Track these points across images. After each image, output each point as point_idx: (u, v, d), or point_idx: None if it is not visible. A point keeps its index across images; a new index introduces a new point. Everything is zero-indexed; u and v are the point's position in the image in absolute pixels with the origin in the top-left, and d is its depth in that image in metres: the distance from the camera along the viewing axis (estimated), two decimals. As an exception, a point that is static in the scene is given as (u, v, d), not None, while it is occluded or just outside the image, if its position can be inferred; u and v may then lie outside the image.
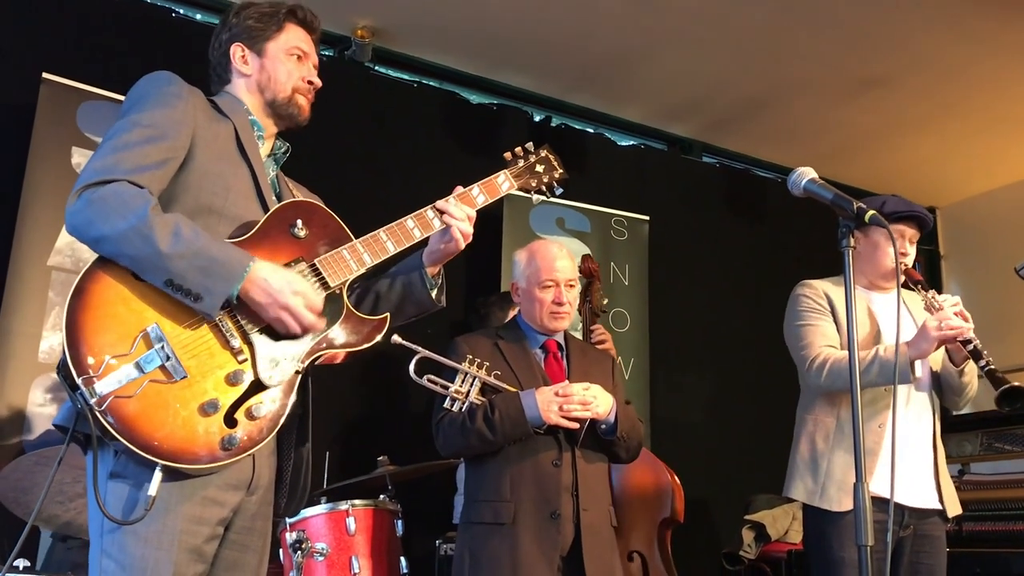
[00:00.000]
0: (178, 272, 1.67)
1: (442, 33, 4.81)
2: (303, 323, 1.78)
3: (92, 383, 1.59)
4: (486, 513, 2.66)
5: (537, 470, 2.66)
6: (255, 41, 2.03)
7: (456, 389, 2.66)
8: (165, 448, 1.62)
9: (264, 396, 1.75)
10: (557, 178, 2.27)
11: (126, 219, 1.65)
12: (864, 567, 1.76)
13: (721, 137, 5.99)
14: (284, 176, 2.11)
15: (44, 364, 3.56)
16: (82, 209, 1.68)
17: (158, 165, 1.77)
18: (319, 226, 1.92)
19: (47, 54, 3.86)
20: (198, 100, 1.90)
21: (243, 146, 1.93)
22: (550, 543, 2.60)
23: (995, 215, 6.48)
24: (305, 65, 2.07)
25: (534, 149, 2.25)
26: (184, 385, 1.67)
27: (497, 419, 2.61)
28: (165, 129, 1.80)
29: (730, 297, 5.80)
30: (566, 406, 2.62)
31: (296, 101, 2.04)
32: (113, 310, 1.67)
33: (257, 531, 1.87)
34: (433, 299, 2.06)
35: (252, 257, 1.75)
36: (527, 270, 2.90)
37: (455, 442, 2.67)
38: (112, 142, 1.76)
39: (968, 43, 4.73)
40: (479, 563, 2.62)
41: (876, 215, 1.92)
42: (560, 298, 2.83)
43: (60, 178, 3.63)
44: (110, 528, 1.66)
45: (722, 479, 5.40)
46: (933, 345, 2.63)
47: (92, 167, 1.72)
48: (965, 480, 4.37)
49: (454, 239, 2.01)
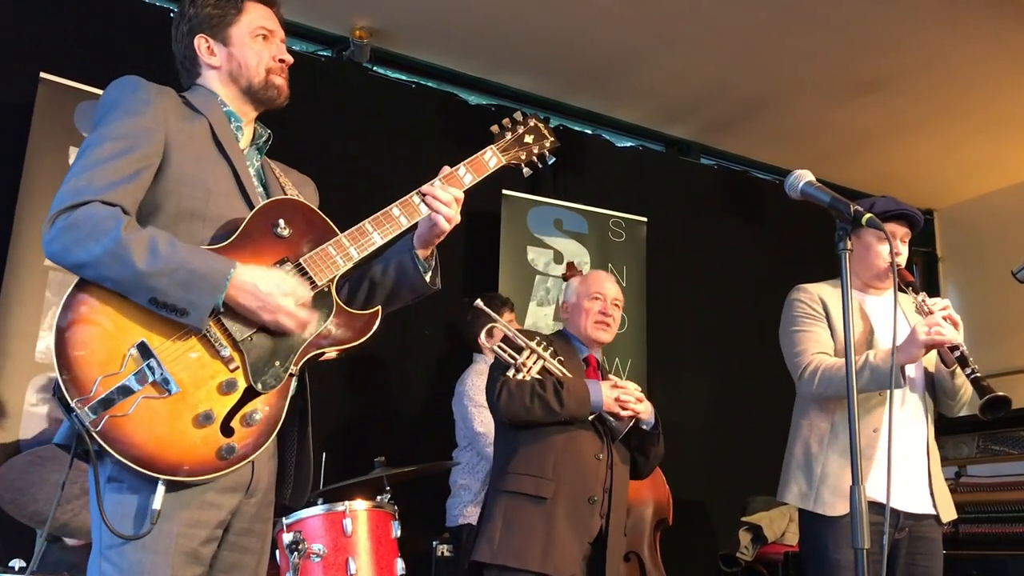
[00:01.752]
0: (160, 289, 1.65)
1: (440, 34, 4.81)
2: (297, 320, 1.77)
3: (87, 404, 1.59)
4: (527, 485, 2.80)
5: (580, 459, 2.84)
6: (217, 29, 1.96)
7: (523, 361, 2.86)
8: (162, 462, 1.62)
9: (258, 402, 1.74)
10: (548, 147, 2.21)
11: (100, 243, 1.63)
12: (861, 570, 1.76)
13: (719, 139, 6.00)
14: (270, 162, 2.06)
15: (40, 364, 3.56)
16: (57, 236, 1.67)
17: (131, 178, 1.74)
18: (302, 223, 1.88)
19: (45, 54, 3.86)
20: (168, 102, 1.85)
21: (220, 142, 1.88)
22: (583, 526, 2.79)
23: (993, 217, 6.48)
24: (272, 43, 1.99)
25: (522, 119, 2.20)
26: (177, 399, 1.66)
27: (566, 394, 2.80)
28: (135, 139, 1.76)
29: (727, 299, 5.80)
30: (623, 396, 2.86)
31: (272, 83, 1.97)
32: (100, 329, 1.66)
33: (256, 533, 1.86)
34: (427, 282, 2.01)
35: (232, 263, 1.72)
36: (579, 288, 3.17)
37: (519, 404, 2.80)
38: (83, 160, 1.74)
39: (966, 45, 4.74)
40: (512, 529, 2.75)
41: (873, 218, 1.92)
42: (606, 309, 3.09)
43: (57, 178, 3.55)
44: (111, 535, 1.66)
45: (719, 481, 5.40)
46: (921, 350, 2.64)
47: (65, 189, 1.70)
48: (962, 482, 4.37)
49: (438, 224, 1.95)
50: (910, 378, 2.76)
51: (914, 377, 2.80)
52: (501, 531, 2.75)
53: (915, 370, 2.80)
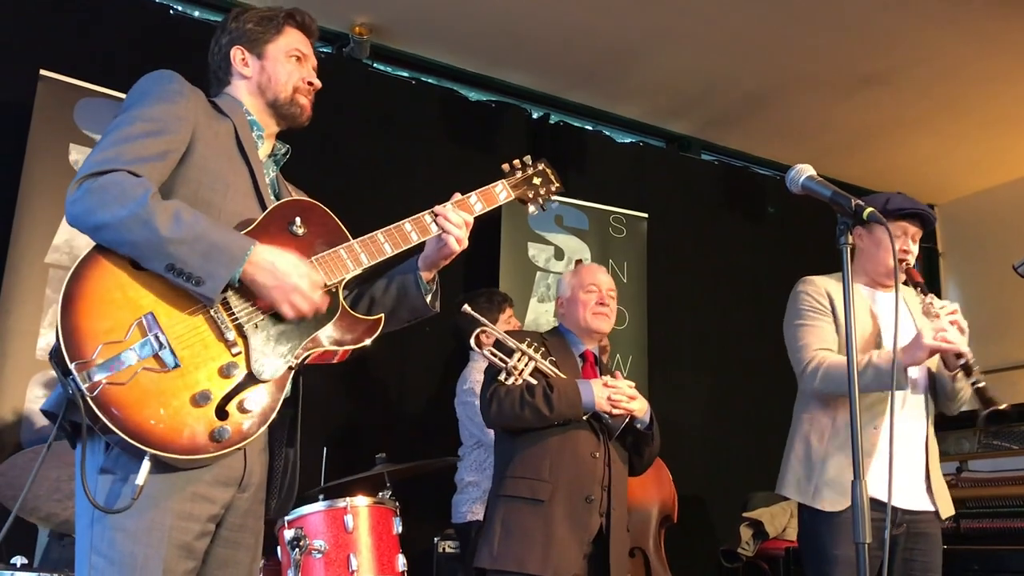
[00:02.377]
0: (179, 257, 1.67)
1: (440, 30, 4.80)
2: (312, 302, 1.79)
3: (85, 368, 1.59)
4: (522, 488, 2.80)
5: (576, 458, 2.83)
6: (255, 44, 2.05)
7: (514, 364, 2.82)
8: (155, 436, 1.62)
9: (256, 390, 1.75)
10: (554, 191, 2.31)
11: (126, 206, 1.66)
12: (862, 565, 1.76)
13: (720, 135, 5.99)
14: (284, 179, 2.12)
15: (41, 361, 3.56)
16: (81, 197, 1.68)
17: (158, 157, 1.77)
18: (318, 225, 1.93)
19: (45, 51, 3.85)
20: (199, 98, 1.91)
21: (242, 145, 1.94)
22: (582, 525, 2.77)
23: (994, 213, 6.48)
24: (304, 67, 2.09)
25: (532, 162, 2.28)
26: (177, 375, 1.67)
27: (555, 397, 2.78)
28: (166, 124, 1.80)
29: (728, 295, 5.80)
30: (614, 396, 2.83)
31: (297, 101, 2.06)
32: (109, 297, 1.67)
33: (249, 528, 1.87)
34: (428, 304, 2.08)
35: (253, 241, 1.75)
36: (573, 281, 3.15)
37: (510, 412, 2.79)
38: (113, 135, 1.77)
39: (968, 41, 4.73)
40: (511, 534, 2.75)
41: (875, 213, 1.92)
42: (603, 299, 3.08)
43: (58, 175, 3.63)
44: (99, 520, 1.66)
45: (720, 477, 5.41)
46: (926, 354, 2.63)
47: (92, 159, 1.73)
48: (963, 477, 4.37)
49: (448, 245, 2.02)
50: (912, 379, 2.74)
51: (916, 378, 2.78)
52: (500, 536, 2.76)
53: (918, 371, 2.79)
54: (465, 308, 2.93)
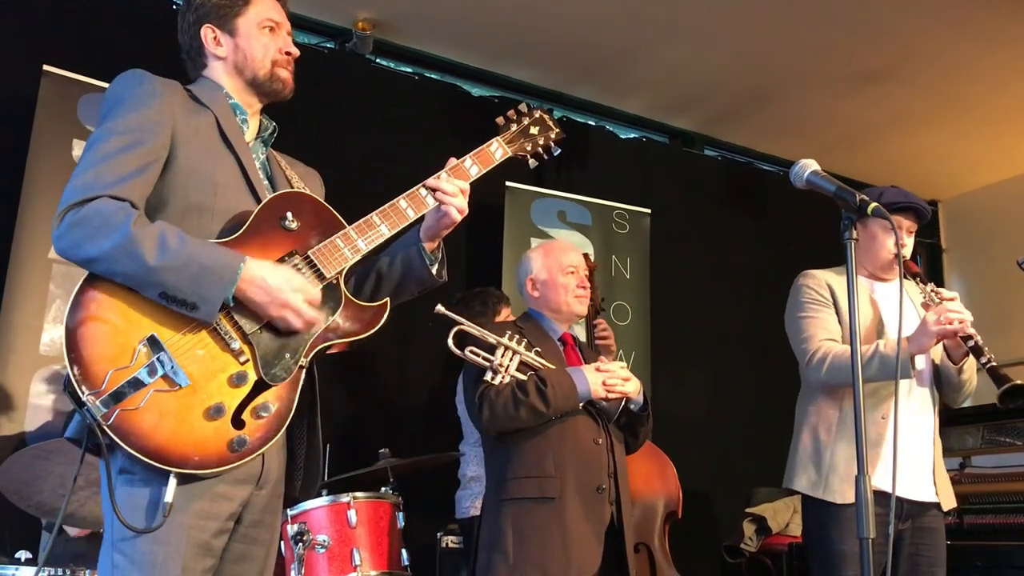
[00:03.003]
0: (170, 284, 1.66)
1: (443, 26, 4.79)
2: (305, 319, 1.77)
3: (98, 398, 1.59)
4: (530, 489, 2.63)
5: (579, 447, 2.68)
6: (224, 20, 1.96)
7: (499, 362, 2.64)
8: (175, 455, 1.63)
9: (269, 395, 1.74)
10: (554, 138, 2.23)
11: (109, 238, 1.64)
12: (866, 559, 1.76)
13: (723, 130, 5.98)
14: (276, 154, 2.06)
15: (45, 357, 3.57)
16: (66, 232, 1.67)
17: (138, 172, 1.75)
18: (310, 216, 1.89)
19: (48, 46, 3.85)
20: (175, 95, 1.86)
21: (226, 136, 1.89)
22: (597, 517, 2.63)
23: (997, 208, 6.47)
24: (279, 36, 2.00)
25: (527, 110, 2.21)
26: (188, 392, 1.67)
27: (550, 391, 2.61)
28: (142, 134, 1.77)
29: (731, 290, 5.80)
30: (609, 380, 2.69)
31: (277, 75, 1.98)
32: (111, 323, 1.66)
33: (266, 524, 1.87)
34: (434, 275, 2.02)
35: (243, 257, 1.73)
36: (546, 261, 2.94)
37: (503, 415, 2.61)
38: (90, 155, 1.74)
39: (971, 37, 4.72)
40: (525, 538, 2.58)
41: (879, 207, 1.92)
42: (583, 282, 2.91)
43: (61, 171, 3.62)
44: (123, 527, 1.66)
45: (723, 472, 5.41)
46: (932, 340, 2.63)
47: (73, 185, 1.71)
48: (966, 473, 4.38)
49: (448, 215, 1.97)
50: (918, 370, 2.73)
51: (922, 369, 2.78)
52: (514, 543, 2.57)
53: (923, 361, 2.78)
54: (438, 309, 2.65)
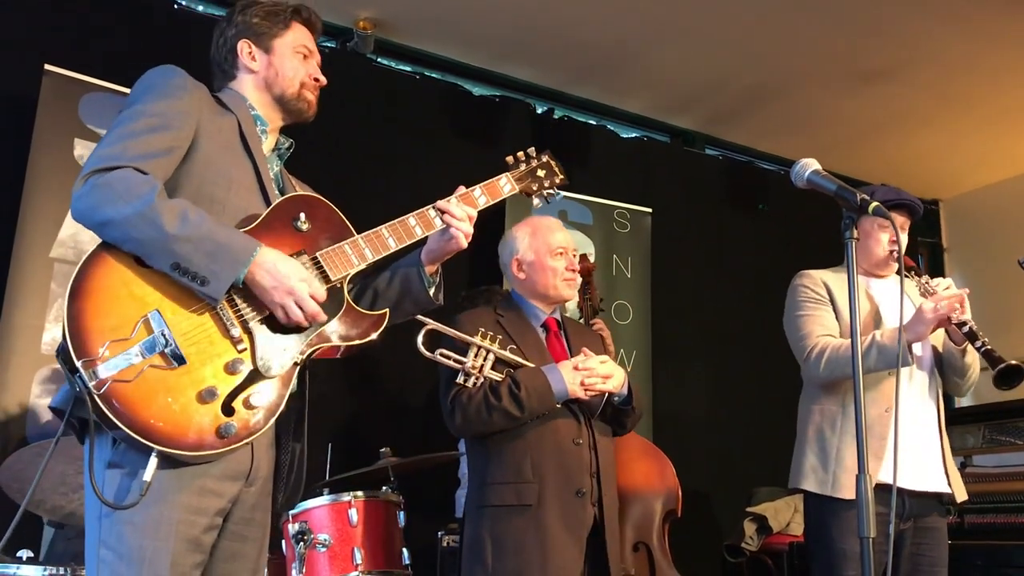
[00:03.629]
0: (185, 255, 1.67)
1: (444, 25, 4.80)
2: (307, 310, 1.78)
3: (92, 366, 1.59)
4: (507, 495, 2.56)
5: (558, 449, 2.60)
6: (262, 38, 2.05)
7: (471, 364, 2.52)
8: (161, 433, 1.63)
9: (262, 386, 1.75)
10: (558, 183, 2.31)
11: (131, 204, 1.66)
12: (866, 558, 1.76)
13: (724, 129, 5.98)
14: (288, 173, 2.13)
15: (47, 356, 3.56)
16: (87, 193, 1.69)
17: (163, 153, 1.78)
18: (322, 220, 1.94)
19: (49, 46, 3.85)
20: (202, 94, 1.92)
21: (246, 140, 1.94)
22: (577, 522, 2.56)
23: (998, 208, 6.47)
24: (310, 63, 2.10)
25: (536, 154, 2.28)
26: (183, 372, 1.67)
27: (524, 395, 2.52)
28: (170, 119, 1.81)
29: (732, 289, 5.80)
30: (587, 380, 2.59)
31: (304, 96, 2.07)
32: (115, 294, 1.67)
33: (256, 522, 1.87)
34: (431, 297, 2.09)
35: (258, 243, 1.76)
36: (534, 242, 2.83)
37: (476, 420, 2.54)
38: (118, 131, 1.78)
39: (972, 36, 4.71)
40: (503, 547, 2.52)
41: (879, 206, 1.93)
42: (572, 265, 2.82)
43: (62, 170, 3.63)
44: (107, 514, 1.67)
45: (724, 471, 5.41)
46: (930, 327, 2.65)
47: (98, 154, 1.74)
48: (967, 472, 4.37)
49: (454, 238, 2.04)
50: (917, 356, 2.75)
51: (921, 356, 2.79)
52: (492, 553, 2.52)
53: (922, 348, 2.80)
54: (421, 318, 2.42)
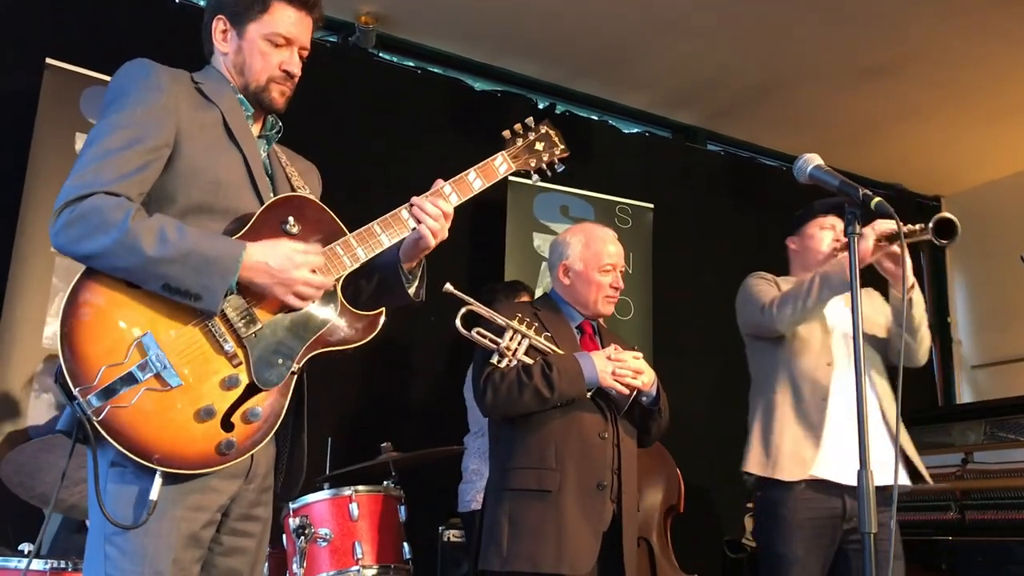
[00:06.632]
0: (173, 275, 1.65)
1: (446, 20, 4.79)
2: (318, 284, 1.78)
3: (89, 393, 1.60)
4: (529, 480, 2.59)
5: (583, 441, 2.62)
6: (237, 19, 1.93)
7: (506, 345, 2.58)
8: (163, 455, 1.64)
9: (260, 399, 1.75)
10: (558, 155, 2.22)
11: (108, 234, 1.64)
12: (867, 555, 1.76)
13: (726, 125, 5.98)
14: (277, 151, 2.04)
15: (48, 350, 3.57)
16: (63, 229, 1.67)
17: (138, 170, 1.73)
18: (311, 221, 1.88)
19: (50, 39, 3.85)
20: (181, 88, 1.84)
21: (233, 133, 1.87)
22: (595, 514, 2.58)
23: (1000, 204, 6.45)
24: (284, 51, 1.93)
25: (533, 125, 2.19)
26: (180, 392, 1.67)
27: (556, 376, 2.55)
28: (144, 130, 1.75)
29: (734, 285, 5.75)
30: (619, 370, 2.61)
31: (269, 91, 1.93)
32: (106, 319, 1.66)
33: (255, 518, 1.87)
34: (410, 295, 2.01)
35: (243, 244, 1.73)
36: (585, 253, 2.84)
37: (507, 398, 2.57)
38: (92, 149, 1.73)
39: (975, 32, 4.71)
40: (520, 530, 2.55)
41: (882, 202, 1.92)
42: (617, 283, 2.83)
43: (64, 164, 3.58)
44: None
45: (725, 467, 5.38)
46: (870, 240, 2.65)
47: (71, 181, 1.70)
48: (968, 469, 4.37)
49: (423, 236, 1.93)
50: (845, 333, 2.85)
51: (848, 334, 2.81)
52: (509, 535, 2.55)
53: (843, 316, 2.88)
54: (447, 288, 2.55)
